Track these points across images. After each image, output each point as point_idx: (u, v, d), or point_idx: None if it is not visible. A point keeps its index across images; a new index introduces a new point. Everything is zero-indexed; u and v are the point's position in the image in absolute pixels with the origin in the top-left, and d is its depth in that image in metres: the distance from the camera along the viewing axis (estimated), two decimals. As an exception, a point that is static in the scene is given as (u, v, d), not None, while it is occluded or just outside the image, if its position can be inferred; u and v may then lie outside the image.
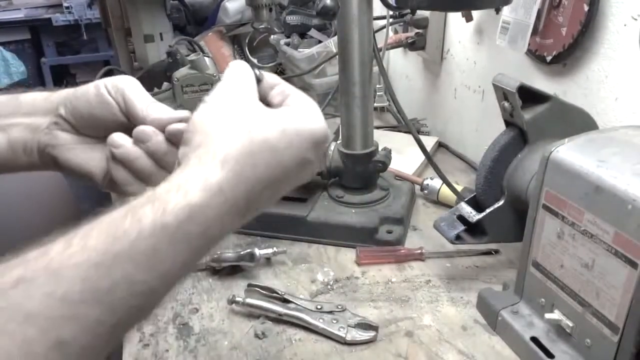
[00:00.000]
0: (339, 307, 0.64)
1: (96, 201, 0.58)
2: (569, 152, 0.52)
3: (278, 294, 0.65)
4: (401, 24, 1.20)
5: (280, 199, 0.88)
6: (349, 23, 0.73)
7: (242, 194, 0.33)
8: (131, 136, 0.44)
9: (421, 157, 0.96)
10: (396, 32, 1.24)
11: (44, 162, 0.47)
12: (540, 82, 0.83)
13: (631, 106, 0.68)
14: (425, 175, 0.92)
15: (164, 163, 0.43)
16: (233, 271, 0.73)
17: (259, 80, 0.41)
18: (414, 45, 1.16)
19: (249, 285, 0.66)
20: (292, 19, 1.38)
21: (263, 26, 0.78)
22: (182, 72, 1.08)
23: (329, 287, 0.70)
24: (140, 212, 0.30)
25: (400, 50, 1.34)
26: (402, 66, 1.39)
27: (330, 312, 0.63)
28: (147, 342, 0.62)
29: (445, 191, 0.85)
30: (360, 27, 0.73)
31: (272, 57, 1.50)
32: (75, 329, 0.27)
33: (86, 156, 0.46)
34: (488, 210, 0.66)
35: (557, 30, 0.75)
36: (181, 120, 0.43)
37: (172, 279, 0.32)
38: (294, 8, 1.39)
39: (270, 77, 0.42)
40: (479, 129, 1.04)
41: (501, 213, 0.66)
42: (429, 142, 1.08)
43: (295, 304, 0.64)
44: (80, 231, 0.30)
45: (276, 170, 0.35)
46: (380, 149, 0.82)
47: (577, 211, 0.50)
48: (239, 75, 0.40)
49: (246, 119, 0.36)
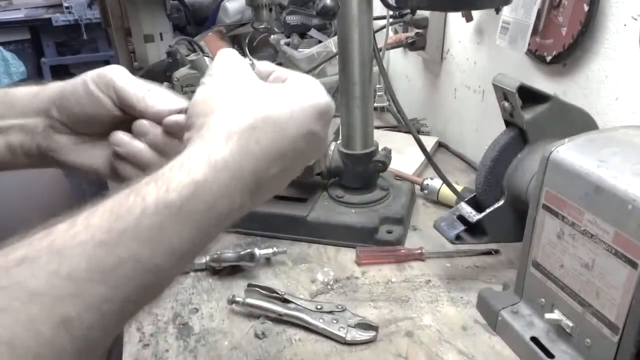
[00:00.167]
0: (339, 307, 0.64)
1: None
2: (569, 152, 0.52)
3: (278, 294, 0.65)
4: (401, 24, 1.20)
5: (280, 199, 0.88)
6: (349, 23, 0.73)
7: (249, 169, 0.33)
8: (130, 129, 0.44)
9: (421, 157, 0.96)
10: (396, 32, 1.24)
11: (45, 163, 0.47)
12: (540, 82, 0.83)
13: (631, 106, 0.68)
14: (425, 175, 0.92)
15: (166, 154, 0.43)
16: (233, 271, 0.73)
17: (252, 69, 0.42)
18: (414, 45, 1.16)
19: (249, 285, 0.66)
20: (292, 19, 1.38)
21: (263, 26, 0.78)
22: (182, 72, 1.08)
23: (329, 287, 0.70)
24: (144, 191, 0.30)
25: (400, 50, 1.34)
26: (402, 66, 1.40)
27: (330, 312, 0.63)
28: (147, 342, 0.62)
29: (445, 191, 0.85)
30: (360, 27, 0.73)
31: (272, 57, 1.49)
32: (80, 307, 0.27)
33: (88, 155, 0.46)
34: (488, 210, 0.66)
35: (557, 30, 0.75)
36: (180, 111, 0.42)
37: (180, 258, 0.31)
38: (294, 8, 1.39)
39: (264, 65, 0.42)
40: (479, 129, 1.04)
41: (501, 213, 0.66)
42: (429, 142, 1.08)
43: (295, 304, 0.64)
44: (84, 212, 0.30)
45: (282, 144, 0.35)
46: (380, 149, 0.82)
47: (577, 211, 0.50)
48: (231, 58, 0.40)
49: (247, 94, 0.36)
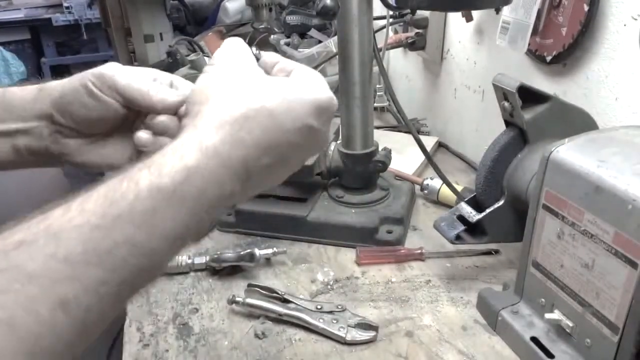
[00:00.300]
0: (339, 307, 0.64)
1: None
2: (569, 152, 0.52)
3: (278, 294, 0.65)
4: (401, 24, 1.20)
5: (280, 199, 0.88)
6: (349, 23, 0.73)
7: (239, 157, 0.34)
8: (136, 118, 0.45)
9: (421, 157, 0.96)
10: (396, 32, 1.24)
11: (55, 163, 0.48)
12: (540, 82, 0.83)
13: (631, 106, 0.68)
14: (425, 175, 0.92)
15: None
16: (233, 271, 0.73)
17: (257, 59, 0.42)
18: (414, 45, 1.16)
19: (249, 285, 0.66)
20: (292, 19, 1.39)
21: (263, 26, 0.78)
22: (182, 72, 1.08)
23: (329, 287, 0.70)
24: (137, 176, 0.31)
25: (400, 50, 1.34)
26: (402, 66, 1.40)
27: (330, 312, 0.63)
28: (147, 342, 0.62)
29: (445, 191, 0.85)
30: (360, 27, 0.73)
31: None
32: (78, 289, 0.28)
33: (102, 152, 0.47)
34: (488, 210, 0.66)
35: (557, 30, 0.75)
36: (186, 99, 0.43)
37: (175, 241, 0.32)
38: (294, 8, 1.39)
39: (269, 55, 0.42)
40: (479, 129, 1.04)
41: (501, 213, 0.66)
42: (429, 142, 1.08)
43: (295, 304, 0.64)
44: (78, 197, 0.30)
45: (275, 135, 0.35)
46: (380, 149, 0.82)
47: (577, 211, 0.50)
48: (235, 47, 0.41)
49: (244, 85, 0.37)
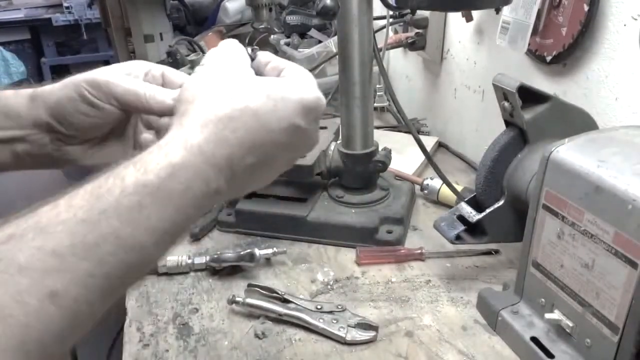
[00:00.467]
0: (339, 307, 0.64)
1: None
2: (569, 152, 0.52)
3: (278, 294, 0.65)
4: (401, 24, 1.20)
5: (280, 199, 0.88)
6: (349, 23, 0.73)
7: (223, 155, 0.35)
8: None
9: (421, 157, 0.96)
10: (396, 32, 1.24)
11: (57, 165, 0.49)
12: (540, 82, 0.83)
13: (631, 106, 0.68)
14: (425, 175, 0.92)
15: None
16: (233, 271, 0.73)
17: (252, 59, 0.42)
18: (414, 45, 1.16)
19: (249, 285, 0.66)
20: (292, 19, 1.39)
21: (263, 26, 0.78)
22: (182, 72, 1.07)
23: (329, 287, 0.70)
24: (123, 173, 0.32)
25: (400, 50, 1.34)
26: (402, 66, 1.40)
27: (330, 312, 0.63)
28: (147, 342, 0.62)
29: (445, 191, 0.85)
30: (360, 27, 0.73)
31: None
32: (66, 281, 0.28)
33: (104, 154, 0.48)
34: (488, 210, 0.66)
35: (557, 30, 0.75)
36: None
37: (163, 236, 0.33)
38: (294, 8, 1.39)
39: (264, 54, 0.43)
40: (479, 129, 1.04)
41: (501, 213, 0.66)
42: (429, 142, 1.08)
43: (295, 304, 0.64)
44: (66, 194, 0.31)
45: (259, 135, 0.36)
46: (380, 149, 0.82)
47: (577, 211, 0.50)
48: (229, 48, 0.41)
49: (230, 86, 0.37)
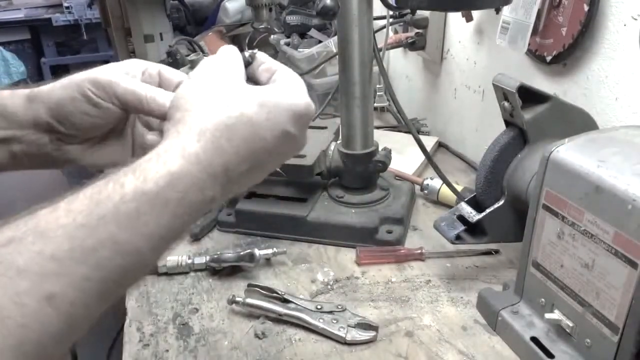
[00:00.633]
0: (339, 307, 0.64)
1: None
2: (569, 152, 0.52)
3: (278, 294, 0.65)
4: (401, 24, 1.20)
5: (280, 199, 0.88)
6: (349, 23, 0.73)
7: (219, 163, 0.35)
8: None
9: (421, 157, 0.96)
10: (396, 32, 1.24)
11: (57, 166, 0.49)
12: (540, 82, 0.83)
13: (631, 106, 0.68)
14: (425, 175, 0.92)
15: None
16: (233, 271, 0.73)
17: (249, 63, 0.43)
18: (414, 45, 1.16)
19: (249, 286, 0.66)
20: (292, 19, 1.38)
21: (263, 26, 0.78)
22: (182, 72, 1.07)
23: (329, 287, 0.70)
24: (123, 180, 0.32)
25: (400, 50, 1.34)
26: (402, 66, 1.40)
27: (330, 312, 0.63)
28: (147, 342, 0.62)
29: (445, 191, 0.85)
30: (360, 27, 0.73)
31: (272, 57, 1.50)
32: (64, 284, 0.29)
33: (105, 153, 0.48)
34: (488, 210, 0.66)
35: (557, 30, 0.75)
36: None
37: (159, 242, 0.33)
38: (294, 8, 1.39)
39: (260, 56, 0.44)
40: (479, 129, 1.04)
41: (501, 213, 0.66)
42: (429, 142, 1.08)
43: (295, 304, 0.64)
44: (65, 198, 0.32)
45: (254, 143, 0.37)
46: (380, 149, 0.82)
47: (577, 211, 0.50)
48: (224, 55, 0.42)
49: (224, 94, 0.38)
